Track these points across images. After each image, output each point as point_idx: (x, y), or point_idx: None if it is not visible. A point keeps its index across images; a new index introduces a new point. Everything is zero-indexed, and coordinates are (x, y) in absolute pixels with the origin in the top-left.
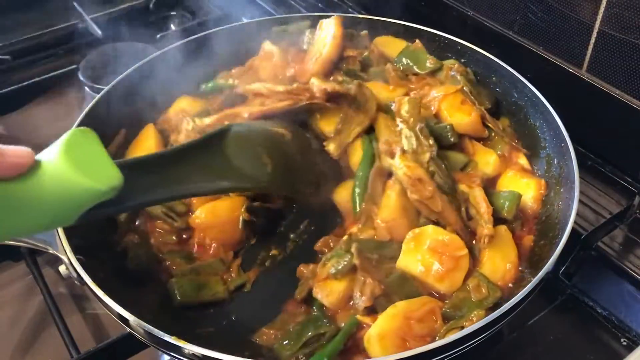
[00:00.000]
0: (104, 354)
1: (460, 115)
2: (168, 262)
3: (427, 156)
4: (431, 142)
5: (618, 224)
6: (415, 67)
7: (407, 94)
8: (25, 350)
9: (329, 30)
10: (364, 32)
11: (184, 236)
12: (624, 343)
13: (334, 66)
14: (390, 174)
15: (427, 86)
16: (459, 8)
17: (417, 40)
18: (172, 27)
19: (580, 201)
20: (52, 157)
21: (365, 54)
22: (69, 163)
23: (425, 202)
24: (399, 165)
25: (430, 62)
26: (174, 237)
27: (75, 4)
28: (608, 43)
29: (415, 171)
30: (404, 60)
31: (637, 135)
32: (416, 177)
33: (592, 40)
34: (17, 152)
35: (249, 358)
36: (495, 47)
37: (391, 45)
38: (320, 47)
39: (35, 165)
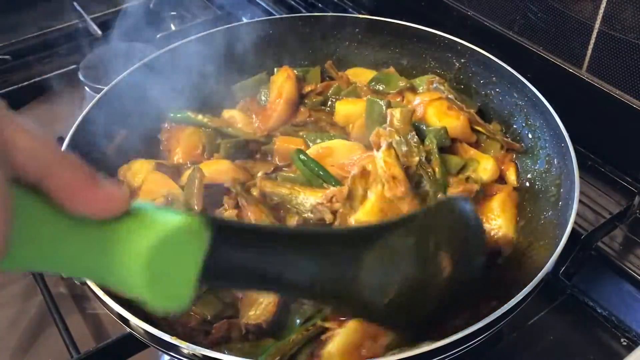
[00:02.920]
0: (104, 354)
1: (449, 120)
2: None
3: (416, 160)
4: (420, 147)
5: (618, 224)
6: (386, 89)
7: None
8: (25, 350)
9: (281, 75)
10: (329, 62)
11: None
12: (624, 343)
13: (296, 105)
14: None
15: (405, 99)
16: (459, 8)
17: (391, 67)
18: (172, 27)
19: (580, 201)
20: (135, 243)
21: (336, 84)
22: (144, 275)
23: (395, 202)
24: (379, 157)
25: (401, 82)
26: None
27: (75, 4)
28: (608, 43)
29: (392, 169)
30: (374, 84)
31: (637, 135)
32: (391, 174)
33: (592, 40)
34: (115, 192)
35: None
36: (495, 47)
37: (362, 75)
38: (280, 90)
39: (116, 227)
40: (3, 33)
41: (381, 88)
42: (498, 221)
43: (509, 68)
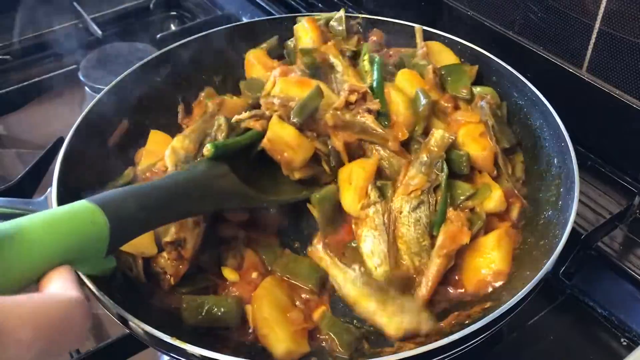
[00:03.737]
0: (104, 354)
1: (475, 146)
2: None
3: (426, 185)
4: (439, 176)
5: (618, 224)
6: (448, 85)
7: (436, 102)
8: None
9: (302, 28)
10: (419, 27)
11: None
12: (624, 343)
13: None
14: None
15: (456, 109)
16: (459, 8)
17: (476, 66)
18: (172, 27)
19: (580, 201)
20: None
21: (410, 51)
22: None
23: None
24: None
25: (464, 90)
26: None
27: (75, 4)
28: (608, 43)
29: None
30: (444, 73)
31: (637, 135)
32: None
33: (592, 40)
34: None
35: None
36: (495, 47)
37: (443, 54)
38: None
39: None
40: (3, 33)
41: (448, 79)
42: (493, 254)
43: (509, 68)
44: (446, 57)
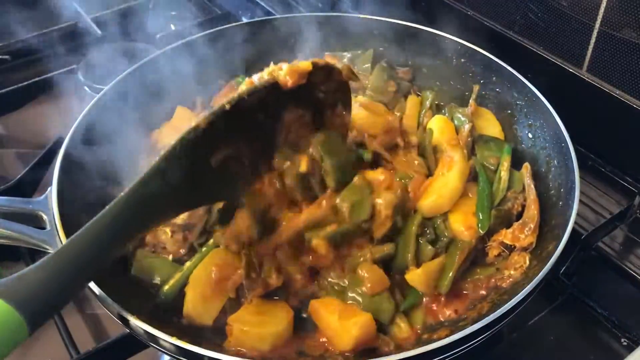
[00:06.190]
0: (104, 354)
1: (460, 222)
2: None
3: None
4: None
5: (618, 224)
6: (478, 150)
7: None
8: (25, 350)
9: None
10: (477, 86)
11: None
12: (624, 343)
13: None
14: None
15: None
16: (459, 8)
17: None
18: (172, 27)
19: (580, 201)
20: None
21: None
22: None
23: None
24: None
25: (491, 160)
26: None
27: (75, 3)
28: (608, 43)
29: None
30: (482, 142)
31: (637, 135)
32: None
33: (592, 40)
34: None
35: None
36: (495, 47)
37: (489, 122)
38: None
39: None
40: (3, 33)
41: (481, 145)
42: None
43: (509, 68)
44: (491, 127)
